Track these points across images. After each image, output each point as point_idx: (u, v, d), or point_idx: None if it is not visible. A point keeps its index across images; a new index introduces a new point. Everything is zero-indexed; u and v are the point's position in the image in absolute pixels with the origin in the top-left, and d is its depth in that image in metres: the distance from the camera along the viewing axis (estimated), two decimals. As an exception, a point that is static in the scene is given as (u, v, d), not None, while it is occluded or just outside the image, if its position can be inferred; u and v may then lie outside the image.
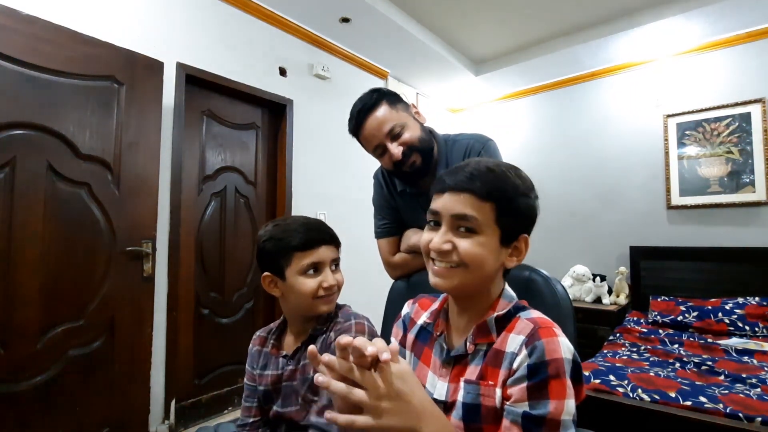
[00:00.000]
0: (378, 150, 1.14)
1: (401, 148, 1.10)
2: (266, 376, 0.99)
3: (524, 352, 0.61)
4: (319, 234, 0.94)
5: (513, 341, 0.64)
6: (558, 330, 0.63)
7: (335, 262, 0.97)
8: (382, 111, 1.11)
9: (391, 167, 1.15)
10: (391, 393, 0.52)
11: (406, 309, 0.87)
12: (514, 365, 0.62)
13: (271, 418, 0.99)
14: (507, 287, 0.74)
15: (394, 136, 1.11)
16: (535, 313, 0.69)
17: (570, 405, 0.58)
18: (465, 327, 0.72)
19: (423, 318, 0.81)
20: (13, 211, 1.63)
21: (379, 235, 1.30)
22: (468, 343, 0.69)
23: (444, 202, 0.68)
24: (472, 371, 0.67)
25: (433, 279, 0.69)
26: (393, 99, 1.14)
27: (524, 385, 0.59)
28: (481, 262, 0.66)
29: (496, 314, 0.69)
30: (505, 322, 0.68)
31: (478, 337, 0.69)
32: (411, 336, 0.81)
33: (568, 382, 0.59)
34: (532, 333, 0.63)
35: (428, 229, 0.71)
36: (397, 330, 0.85)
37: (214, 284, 2.54)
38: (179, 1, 2.35)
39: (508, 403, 0.61)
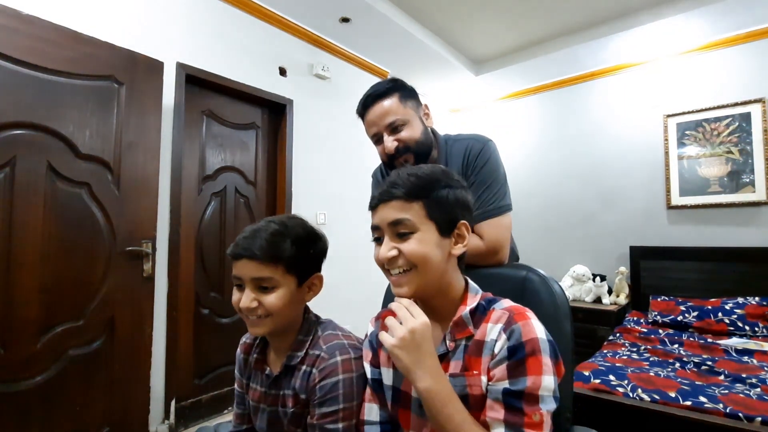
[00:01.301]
0: (375, 137, 1.16)
1: (395, 144, 1.11)
2: (252, 389, 0.95)
3: (503, 336, 0.66)
4: (243, 244, 0.82)
5: (492, 330, 0.68)
6: (531, 314, 0.68)
7: (261, 282, 0.81)
8: (390, 102, 1.11)
9: (385, 159, 1.16)
10: (411, 338, 0.65)
11: (370, 328, 0.87)
12: (496, 349, 0.66)
13: None
14: (470, 281, 0.78)
15: (393, 129, 1.11)
16: (506, 303, 0.73)
17: (547, 381, 0.62)
18: (439, 327, 0.75)
19: None
20: (13, 211, 1.63)
21: None
22: (447, 341, 0.72)
23: (378, 216, 0.74)
24: (455, 366, 0.70)
25: (394, 289, 0.74)
26: (406, 94, 1.14)
27: (505, 365, 0.64)
28: (426, 257, 0.70)
29: (468, 308, 0.72)
30: (479, 314, 0.72)
31: (457, 332, 0.72)
32: (385, 352, 0.80)
33: (546, 360, 0.63)
34: (508, 320, 0.67)
35: (376, 245, 0.75)
36: (366, 352, 0.84)
37: (214, 284, 2.54)
38: (179, 1, 2.35)
39: (490, 383, 0.65)
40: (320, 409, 0.79)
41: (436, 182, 0.72)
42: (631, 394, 1.72)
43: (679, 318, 2.75)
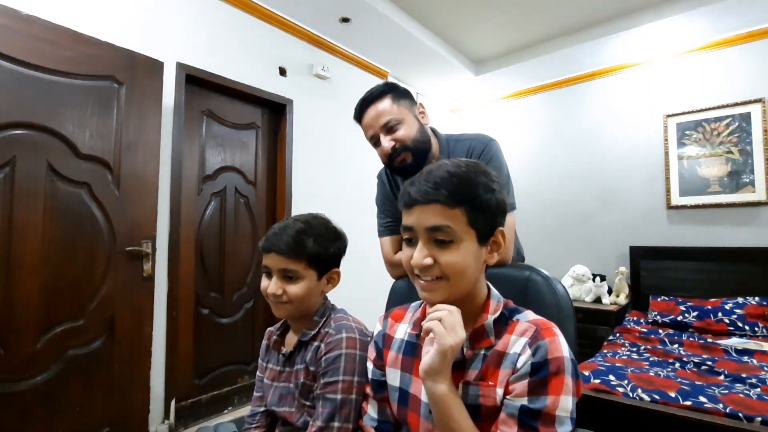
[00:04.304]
0: (373, 140, 1.18)
1: (392, 143, 1.12)
2: (268, 369, 1.03)
3: (528, 351, 0.63)
4: (272, 239, 0.93)
5: (516, 343, 0.66)
6: (557, 330, 0.66)
7: (286, 273, 0.92)
8: (384, 104, 1.14)
9: (385, 160, 1.18)
10: (451, 353, 0.63)
11: (378, 327, 0.86)
12: (518, 364, 0.63)
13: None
14: (492, 287, 0.75)
15: (388, 129, 1.13)
16: (531, 315, 0.70)
17: (567, 401, 0.60)
18: None
19: (403, 330, 0.80)
20: (13, 211, 1.63)
21: (381, 233, 1.31)
22: (465, 349, 0.69)
23: (416, 217, 0.67)
24: (471, 374, 0.67)
25: (422, 294, 0.70)
26: (399, 94, 1.16)
27: (526, 381, 0.61)
28: (463, 271, 0.66)
29: (492, 317, 0.69)
30: (501, 324, 0.69)
31: (476, 341, 0.69)
32: (393, 353, 0.79)
33: (568, 380, 0.61)
34: (534, 334, 0.64)
35: (407, 245, 0.71)
36: (371, 351, 0.85)
37: (214, 284, 2.54)
38: (179, 1, 2.35)
39: (508, 397, 0.63)
40: (323, 380, 0.87)
41: (479, 185, 0.67)
42: (631, 394, 1.72)
43: (679, 318, 2.75)
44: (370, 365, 0.83)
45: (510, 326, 0.68)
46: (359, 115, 1.19)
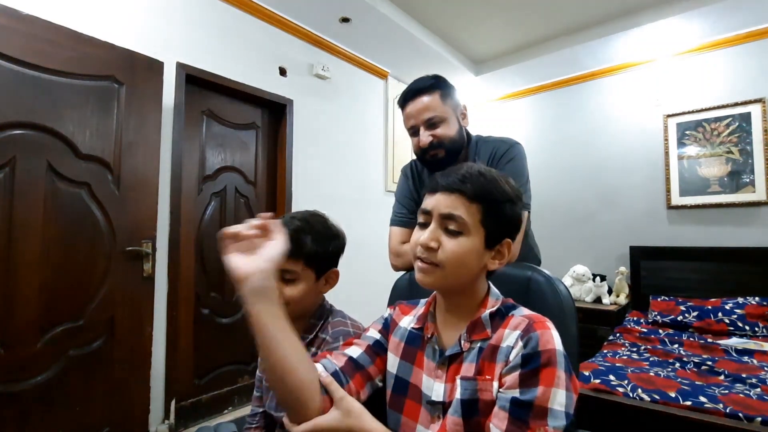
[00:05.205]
0: (411, 130, 1.21)
1: (430, 138, 1.16)
2: None
3: (520, 344, 0.64)
4: None
5: (509, 336, 0.67)
6: (551, 324, 0.66)
7: (284, 274, 0.89)
8: (431, 98, 1.16)
9: (418, 151, 1.22)
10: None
11: (387, 311, 0.87)
12: (511, 356, 0.64)
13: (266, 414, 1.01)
14: (492, 285, 0.77)
15: (430, 125, 1.16)
16: (526, 311, 0.72)
17: (560, 395, 0.60)
18: (456, 326, 0.73)
19: (408, 322, 0.81)
20: (13, 211, 1.63)
21: (393, 222, 1.33)
22: (462, 341, 0.70)
23: (435, 202, 0.71)
24: (468, 368, 0.68)
25: (417, 276, 0.72)
26: (447, 92, 1.20)
27: (517, 373, 0.62)
28: (461, 264, 0.68)
29: (489, 311, 0.71)
30: (497, 319, 0.71)
31: (473, 333, 0.70)
32: (396, 339, 0.80)
33: (560, 373, 0.61)
34: (527, 327, 0.65)
35: (419, 229, 0.73)
36: (376, 324, 0.84)
37: (214, 284, 2.54)
38: (179, 1, 2.35)
39: (500, 390, 0.63)
40: None
41: (503, 192, 0.70)
42: (631, 394, 1.72)
43: (679, 318, 2.76)
44: (374, 331, 0.82)
45: (505, 321, 0.70)
46: (404, 102, 1.20)
